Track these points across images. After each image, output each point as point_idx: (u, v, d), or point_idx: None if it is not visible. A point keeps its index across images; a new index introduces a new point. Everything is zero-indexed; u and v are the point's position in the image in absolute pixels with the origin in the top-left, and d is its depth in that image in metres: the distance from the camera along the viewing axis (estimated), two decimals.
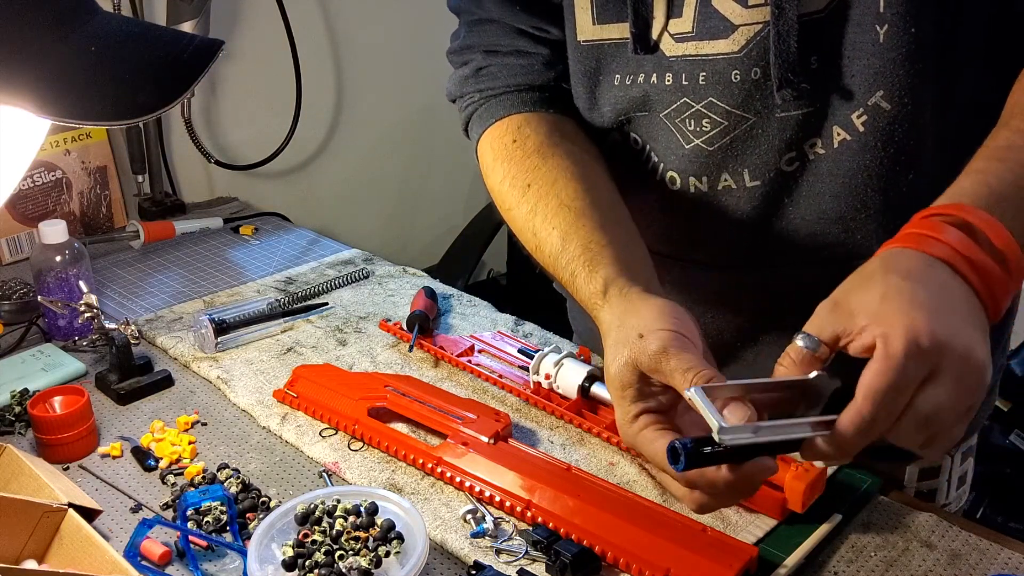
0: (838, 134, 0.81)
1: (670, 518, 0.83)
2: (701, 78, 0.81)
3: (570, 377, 1.02)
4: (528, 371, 1.05)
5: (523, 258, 0.92)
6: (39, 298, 1.18)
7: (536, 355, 1.04)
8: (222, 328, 1.16)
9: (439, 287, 1.34)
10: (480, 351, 1.15)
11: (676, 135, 0.85)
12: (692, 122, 0.83)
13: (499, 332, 1.20)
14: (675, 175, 0.87)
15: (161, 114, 0.72)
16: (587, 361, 1.07)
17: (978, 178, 0.68)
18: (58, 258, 1.19)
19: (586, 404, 1.02)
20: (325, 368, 1.09)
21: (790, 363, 0.64)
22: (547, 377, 1.03)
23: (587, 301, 0.78)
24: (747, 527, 0.85)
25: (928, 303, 0.60)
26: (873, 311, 0.61)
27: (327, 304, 1.28)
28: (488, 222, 2.16)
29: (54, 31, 0.64)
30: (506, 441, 0.94)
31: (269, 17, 1.71)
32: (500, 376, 1.09)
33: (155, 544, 0.82)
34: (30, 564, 0.78)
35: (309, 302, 1.28)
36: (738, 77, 0.80)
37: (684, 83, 0.82)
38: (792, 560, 0.80)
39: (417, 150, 2.18)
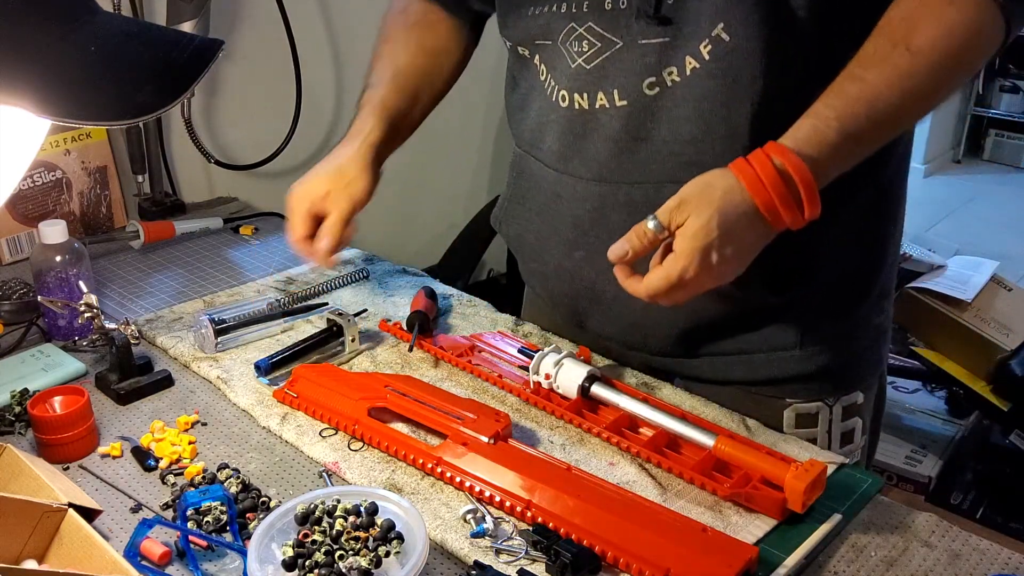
0: (690, 63, 0.92)
1: (670, 518, 0.83)
2: (585, 6, 0.96)
3: (570, 377, 1.02)
4: (528, 371, 1.05)
5: None
6: (39, 298, 1.18)
7: (536, 355, 1.04)
8: (222, 328, 1.16)
9: (439, 287, 1.34)
10: (480, 351, 1.15)
11: (566, 57, 0.99)
12: (576, 43, 0.98)
13: (499, 332, 1.20)
14: (565, 93, 1.01)
15: (161, 114, 0.72)
16: (587, 361, 1.07)
17: (813, 123, 0.86)
18: (58, 258, 1.19)
19: (586, 404, 1.02)
20: (325, 368, 1.09)
21: (637, 240, 0.87)
22: (547, 377, 1.03)
23: (357, 130, 1.15)
24: (747, 527, 0.85)
25: (715, 250, 0.83)
26: (684, 238, 0.84)
27: (327, 304, 1.28)
28: (488, 222, 2.16)
29: (54, 31, 0.64)
30: (506, 441, 0.94)
31: (269, 17, 1.71)
32: (500, 376, 1.09)
33: (155, 544, 0.82)
34: (30, 564, 0.78)
35: (309, 302, 1.28)
36: (610, 5, 0.94)
37: (573, 11, 0.97)
38: (792, 560, 0.80)
39: (417, 150, 2.16)
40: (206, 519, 0.86)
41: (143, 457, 0.96)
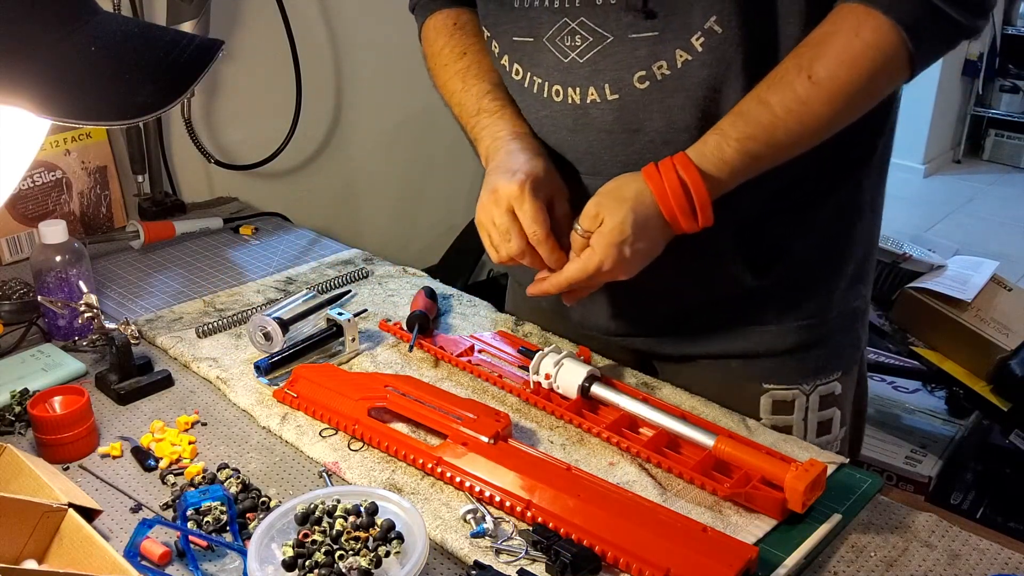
0: (680, 56, 0.94)
1: (670, 518, 0.83)
2: (577, 1, 0.97)
3: (570, 377, 1.02)
4: (528, 371, 1.05)
5: None
6: (39, 298, 1.18)
7: (536, 355, 1.04)
8: (285, 324, 1.14)
9: (439, 287, 1.34)
10: (480, 351, 1.15)
11: (556, 53, 1.00)
12: (568, 38, 0.99)
13: (499, 332, 1.20)
14: (559, 88, 1.02)
15: (161, 114, 0.72)
16: (587, 361, 1.07)
17: (718, 141, 0.92)
18: (58, 258, 1.19)
19: (586, 404, 1.02)
20: (325, 368, 1.09)
21: (574, 244, 0.96)
22: (547, 377, 1.03)
23: (511, 130, 1.05)
24: (747, 527, 0.85)
25: (627, 245, 0.92)
26: (601, 235, 0.93)
27: (351, 292, 1.31)
28: None
29: (54, 31, 0.64)
30: (506, 441, 0.94)
31: (269, 17, 1.71)
32: (500, 376, 1.09)
33: (155, 544, 0.82)
34: (30, 564, 0.78)
35: (333, 293, 1.29)
36: (601, 0, 0.96)
37: (566, 6, 0.98)
38: (792, 560, 0.80)
39: (417, 150, 2.18)
40: (206, 519, 0.86)
41: (143, 457, 0.96)
